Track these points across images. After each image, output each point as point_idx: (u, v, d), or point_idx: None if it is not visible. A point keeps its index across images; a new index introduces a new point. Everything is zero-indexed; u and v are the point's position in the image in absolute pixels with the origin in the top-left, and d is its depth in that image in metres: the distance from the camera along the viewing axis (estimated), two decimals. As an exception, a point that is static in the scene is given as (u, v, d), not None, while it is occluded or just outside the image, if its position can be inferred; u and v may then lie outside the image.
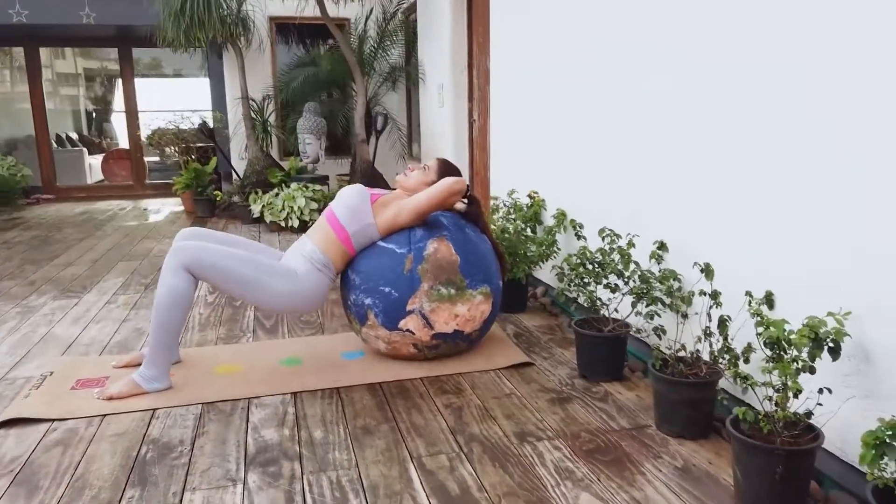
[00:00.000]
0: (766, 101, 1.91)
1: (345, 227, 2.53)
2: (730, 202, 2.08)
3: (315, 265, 2.51)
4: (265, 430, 2.12)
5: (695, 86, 2.22)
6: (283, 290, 2.45)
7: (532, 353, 2.77)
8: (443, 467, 1.87)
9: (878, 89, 1.57)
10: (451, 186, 2.54)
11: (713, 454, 1.92)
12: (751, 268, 1.99)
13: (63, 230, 6.28)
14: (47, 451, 2.02)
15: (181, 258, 2.35)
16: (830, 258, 1.71)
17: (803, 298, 1.80)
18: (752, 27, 1.96)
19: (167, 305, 2.34)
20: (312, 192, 5.77)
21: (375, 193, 2.60)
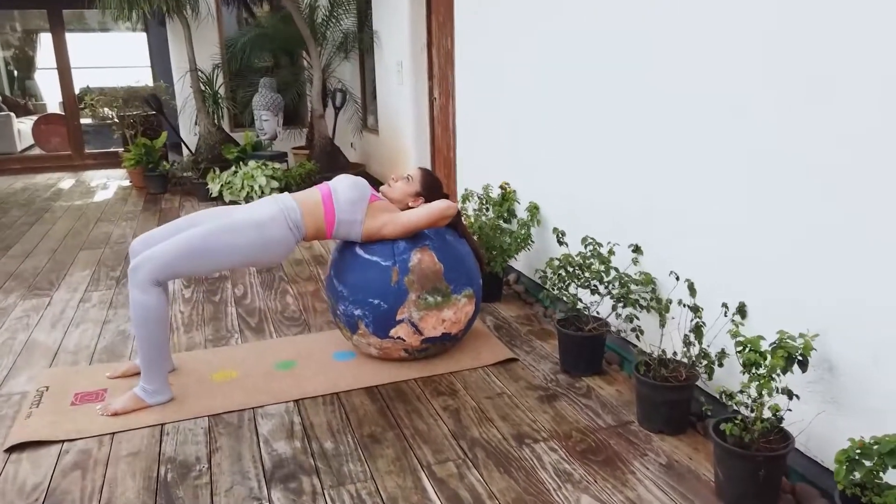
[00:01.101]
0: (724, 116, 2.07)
1: (335, 212, 2.58)
2: (703, 208, 2.26)
3: (288, 221, 2.52)
4: (277, 443, 2.23)
5: (679, 86, 2.35)
6: (248, 241, 2.45)
7: (514, 346, 2.94)
8: (452, 475, 2.04)
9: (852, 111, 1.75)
10: (443, 211, 2.63)
11: (692, 449, 2.14)
12: (724, 272, 2.19)
13: (9, 212, 6.06)
14: (66, 475, 2.09)
15: (142, 274, 2.35)
16: (797, 271, 1.92)
17: (772, 308, 2.01)
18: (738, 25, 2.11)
19: (145, 323, 2.37)
20: (272, 171, 5.73)
21: (375, 196, 2.67)
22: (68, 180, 7.83)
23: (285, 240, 2.53)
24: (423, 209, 2.64)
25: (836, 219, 1.79)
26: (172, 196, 6.59)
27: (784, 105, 1.91)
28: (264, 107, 5.89)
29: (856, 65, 1.70)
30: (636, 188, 2.60)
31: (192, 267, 2.45)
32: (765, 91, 1.97)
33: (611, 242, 2.63)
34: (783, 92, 1.91)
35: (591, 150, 2.88)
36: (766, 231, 2.01)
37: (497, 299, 3.49)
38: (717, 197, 2.20)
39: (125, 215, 5.83)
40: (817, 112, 1.81)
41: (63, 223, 5.57)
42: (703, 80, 2.21)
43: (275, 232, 2.50)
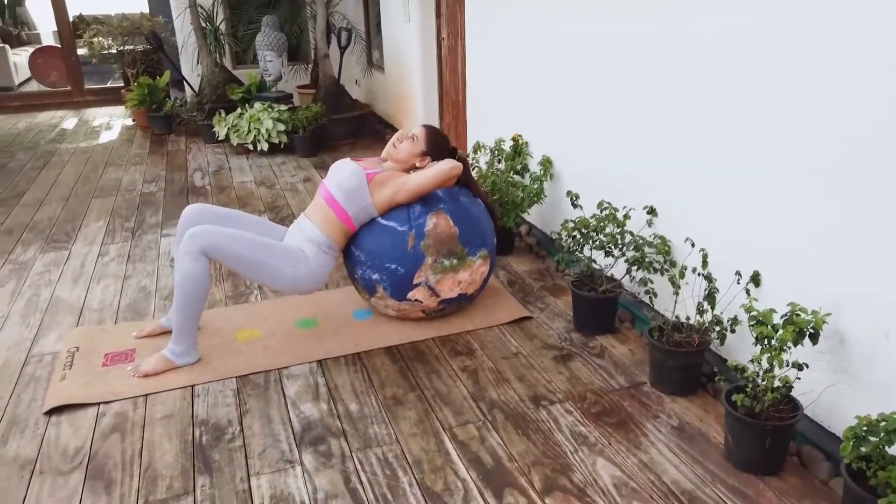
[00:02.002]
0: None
1: (345, 209, 2.62)
2: (721, 174, 2.27)
3: (320, 248, 2.62)
4: (304, 406, 2.33)
5: (708, 46, 2.33)
6: (291, 272, 2.57)
7: (528, 303, 3.01)
8: (473, 438, 2.14)
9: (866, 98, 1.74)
10: (448, 172, 2.63)
11: (702, 411, 2.24)
12: (739, 239, 2.22)
13: (15, 155, 6.04)
14: (105, 439, 2.19)
15: (199, 243, 2.43)
16: (813, 241, 1.95)
17: (786, 278, 2.06)
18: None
19: (191, 291, 2.44)
20: (278, 114, 5.67)
21: (370, 172, 2.66)
22: (71, 119, 7.74)
23: (325, 264, 2.65)
24: (428, 173, 2.63)
25: (854, 190, 1.81)
26: (178, 137, 6.55)
27: (811, 76, 1.90)
28: (268, 47, 5.77)
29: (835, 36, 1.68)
30: (654, 149, 2.60)
31: (238, 266, 2.52)
32: (794, 61, 1.95)
33: (626, 207, 2.65)
34: (812, 64, 1.89)
35: (610, 105, 2.85)
36: (784, 200, 2.03)
37: (509, 252, 3.54)
38: (736, 164, 2.20)
39: (132, 159, 5.81)
40: (839, 83, 1.80)
41: (71, 168, 5.57)
42: (733, 42, 2.18)
43: (314, 263, 2.61)
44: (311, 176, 5.13)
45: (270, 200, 4.56)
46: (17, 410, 2.35)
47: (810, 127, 1.91)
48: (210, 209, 2.69)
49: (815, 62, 1.87)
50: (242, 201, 4.55)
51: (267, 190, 4.80)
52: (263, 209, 4.38)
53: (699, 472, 1.96)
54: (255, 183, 4.97)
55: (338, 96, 5.97)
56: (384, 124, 6.52)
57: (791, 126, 1.98)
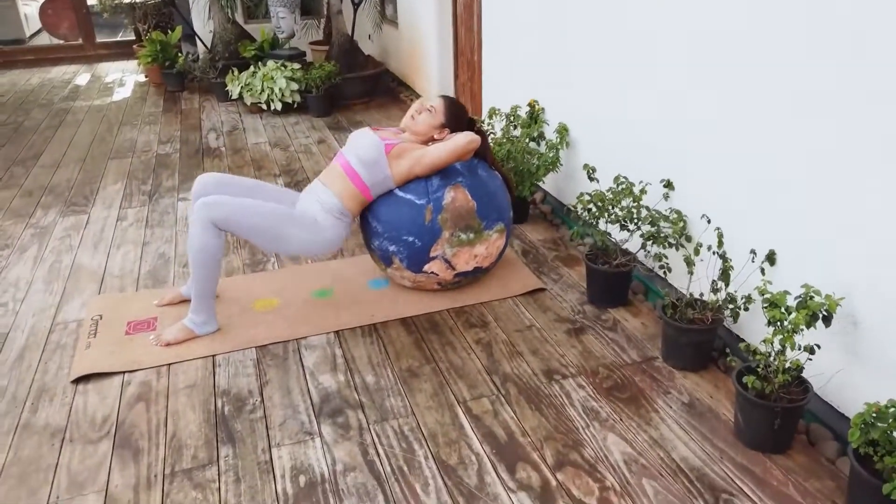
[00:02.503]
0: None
1: (363, 180, 2.63)
2: (739, 150, 2.26)
3: (334, 214, 2.63)
4: (322, 377, 2.39)
5: (732, 17, 2.28)
6: (304, 238, 2.59)
7: (541, 274, 3.04)
8: (487, 412, 2.20)
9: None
10: (466, 145, 2.62)
11: (713, 387, 2.28)
12: (756, 217, 2.22)
13: (30, 113, 6.06)
14: (131, 407, 2.27)
15: (211, 214, 2.44)
16: (829, 222, 1.95)
17: (802, 257, 2.06)
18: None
19: (204, 262, 2.48)
20: (291, 72, 5.62)
21: (389, 143, 2.66)
22: (84, 75, 7.71)
23: (338, 231, 2.65)
24: (445, 146, 2.63)
25: (872, 172, 1.79)
26: (191, 94, 6.52)
27: (837, 52, 1.86)
28: (280, 3, 5.67)
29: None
30: (673, 121, 2.57)
31: (250, 235, 2.54)
32: (822, 34, 1.91)
33: (643, 182, 2.63)
34: (840, 37, 1.85)
35: (630, 73, 2.79)
36: (802, 179, 2.02)
37: (524, 220, 3.54)
38: (755, 140, 2.18)
39: (147, 118, 5.81)
40: (868, 59, 1.77)
41: (86, 127, 5.58)
42: (761, 13, 2.13)
43: (329, 230, 2.62)
44: (325, 137, 5.11)
45: (285, 163, 4.56)
46: (45, 378, 2.43)
47: (834, 106, 1.88)
48: (223, 178, 2.71)
49: (842, 35, 1.83)
50: (257, 164, 4.56)
51: (281, 152, 4.79)
52: (278, 172, 4.39)
53: (708, 450, 2.01)
54: (269, 144, 4.97)
55: (351, 54, 5.89)
56: (398, 82, 6.45)
57: (814, 105, 1.95)
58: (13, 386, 2.39)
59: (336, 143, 4.98)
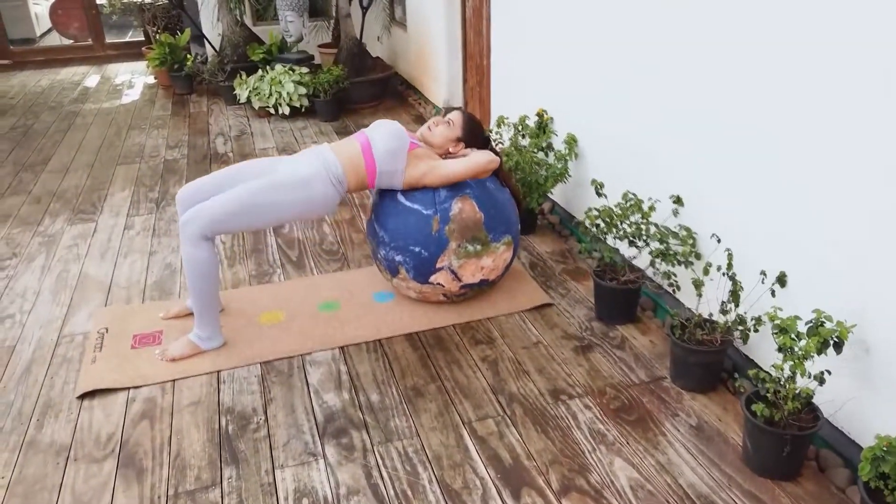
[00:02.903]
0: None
1: (376, 162, 2.58)
2: (751, 168, 2.22)
3: (330, 178, 2.55)
4: (326, 395, 2.38)
5: (750, 26, 2.25)
6: (292, 199, 2.50)
7: (549, 288, 3.01)
8: (492, 433, 2.18)
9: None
10: (485, 165, 2.60)
11: (721, 409, 2.25)
12: (767, 237, 2.19)
13: (40, 116, 6.07)
14: (136, 425, 2.27)
15: (194, 227, 2.42)
16: (843, 244, 1.91)
17: (813, 280, 2.03)
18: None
19: (200, 277, 2.47)
20: (300, 77, 5.60)
21: (414, 143, 2.64)
22: (93, 76, 7.73)
23: (329, 196, 2.57)
24: (465, 162, 2.61)
25: (888, 196, 1.76)
26: (199, 97, 6.52)
27: (854, 74, 1.82)
28: (289, 7, 5.65)
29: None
30: (684, 136, 2.53)
31: (239, 224, 2.51)
32: (839, 56, 1.88)
33: (652, 199, 2.60)
34: (859, 61, 1.82)
35: (642, 85, 2.73)
36: (815, 200, 1.98)
37: (532, 231, 3.52)
38: (768, 159, 2.14)
39: (155, 121, 5.81)
40: (876, 87, 1.73)
41: (95, 131, 5.58)
42: (777, 32, 2.10)
43: (319, 189, 2.53)
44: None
45: (292, 169, 4.54)
46: (52, 393, 2.43)
47: (850, 127, 1.85)
48: (200, 185, 2.61)
49: (861, 59, 1.80)
50: (265, 170, 4.54)
51: (289, 158, 4.78)
52: (285, 179, 4.38)
53: (716, 476, 1.98)
54: (276, 150, 4.96)
55: (359, 58, 5.87)
56: (406, 85, 6.42)
57: (829, 125, 1.91)
58: (19, 401, 2.40)
59: (344, 148, 4.96)
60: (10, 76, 7.87)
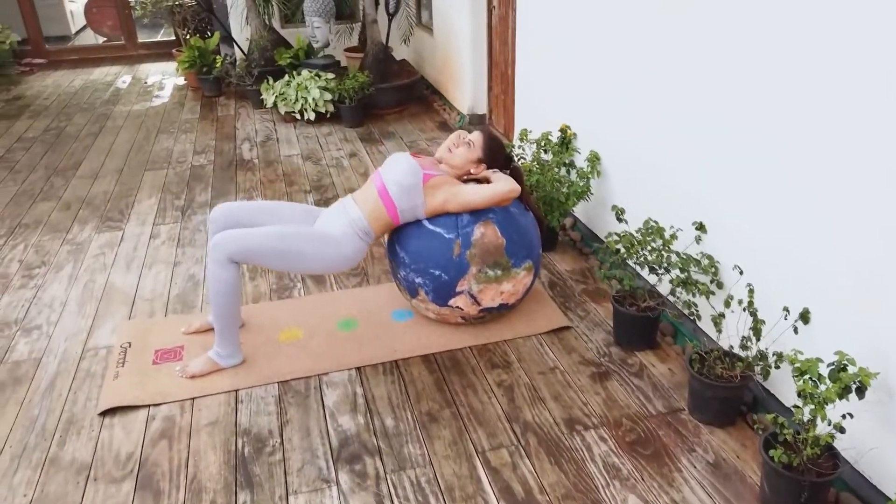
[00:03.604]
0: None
1: (395, 203, 2.60)
2: (779, 199, 2.17)
3: (357, 232, 2.60)
4: (342, 418, 2.40)
5: (787, 51, 2.20)
6: (322, 255, 2.56)
7: (568, 309, 2.99)
8: (506, 464, 2.17)
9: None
10: (506, 194, 2.58)
11: (740, 445, 2.21)
12: (791, 271, 2.14)
13: (72, 119, 6.19)
14: (155, 445, 2.30)
15: (225, 250, 2.45)
16: (868, 284, 1.86)
17: (836, 318, 1.98)
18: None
19: (223, 297, 2.50)
20: (325, 82, 5.62)
21: (428, 172, 2.63)
22: (125, 76, 7.85)
23: (358, 249, 2.64)
24: (486, 192, 2.59)
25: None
26: (227, 100, 6.58)
27: (883, 108, 1.77)
28: (316, 12, 5.68)
29: None
30: (711, 161, 2.47)
31: (267, 261, 2.55)
32: (870, 84, 1.82)
33: (674, 227, 2.56)
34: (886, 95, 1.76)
35: (671, 106, 2.67)
36: (844, 236, 1.93)
37: (552, 248, 3.49)
38: (798, 192, 2.09)
39: (183, 125, 5.89)
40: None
41: (125, 135, 5.67)
42: (813, 61, 2.05)
43: (348, 246, 2.60)
44: (357, 150, 5.11)
45: (316, 178, 4.57)
46: (74, 409, 2.48)
47: (887, 167, 1.80)
48: (236, 209, 2.69)
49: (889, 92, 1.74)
50: (289, 179, 4.58)
51: (313, 166, 4.81)
52: (309, 188, 4.41)
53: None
54: (301, 157, 4.99)
55: (385, 63, 5.87)
56: (431, 90, 6.42)
57: (861, 161, 1.86)
58: (43, 416, 2.45)
59: (367, 156, 4.97)
60: (46, 75, 8.03)
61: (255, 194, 4.34)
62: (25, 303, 3.19)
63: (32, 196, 4.44)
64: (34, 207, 4.27)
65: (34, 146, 5.46)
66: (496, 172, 2.72)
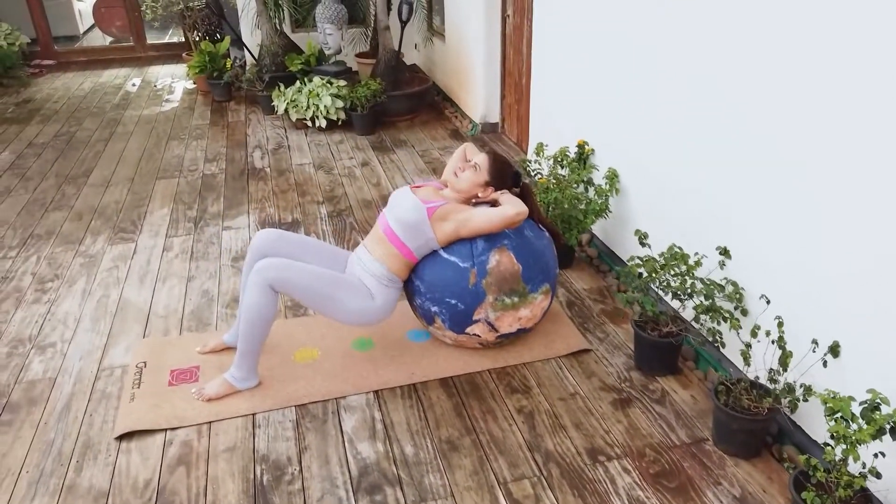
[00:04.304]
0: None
1: (406, 244, 2.58)
2: (808, 227, 2.14)
3: (380, 282, 2.61)
4: (360, 444, 2.37)
5: (814, 68, 2.16)
6: (357, 306, 2.58)
7: (587, 331, 2.95)
8: (528, 496, 2.14)
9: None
10: (513, 217, 2.53)
11: (766, 479, 2.17)
12: (821, 303, 2.10)
13: (82, 123, 6.17)
14: (172, 472, 2.28)
15: (268, 276, 2.45)
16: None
17: (867, 353, 1.94)
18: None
19: (256, 321, 2.48)
20: (337, 90, 5.59)
21: (431, 205, 2.58)
22: (134, 79, 7.83)
23: (390, 299, 2.65)
24: (492, 217, 2.53)
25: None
26: (237, 105, 6.56)
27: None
28: (328, 20, 5.64)
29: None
30: (735, 184, 2.43)
31: (303, 297, 2.54)
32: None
33: (698, 254, 2.53)
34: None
35: (694, 124, 2.64)
36: (872, 265, 1.89)
37: (569, 265, 3.45)
38: (828, 222, 2.05)
39: (194, 131, 5.86)
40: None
41: (136, 141, 5.65)
42: (851, 83, 2.00)
43: (380, 299, 2.62)
44: (369, 159, 5.08)
45: (329, 188, 4.55)
46: (91, 433, 2.46)
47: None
48: (281, 237, 2.71)
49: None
50: (301, 189, 4.55)
51: (325, 175, 4.78)
52: (322, 199, 4.38)
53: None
54: (313, 166, 4.96)
55: (397, 71, 5.84)
56: (443, 96, 6.38)
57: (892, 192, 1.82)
58: (59, 440, 2.43)
59: (380, 166, 4.94)
60: (55, 77, 8.02)
61: (268, 205, 4.31)
62: (39, 318, 3.17)
63: (44, 205, 4.43)
64: (46, 217, 4.25)
65: (45, 152, 5.45)
66: (505, 193, 2.68)
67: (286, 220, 4.08)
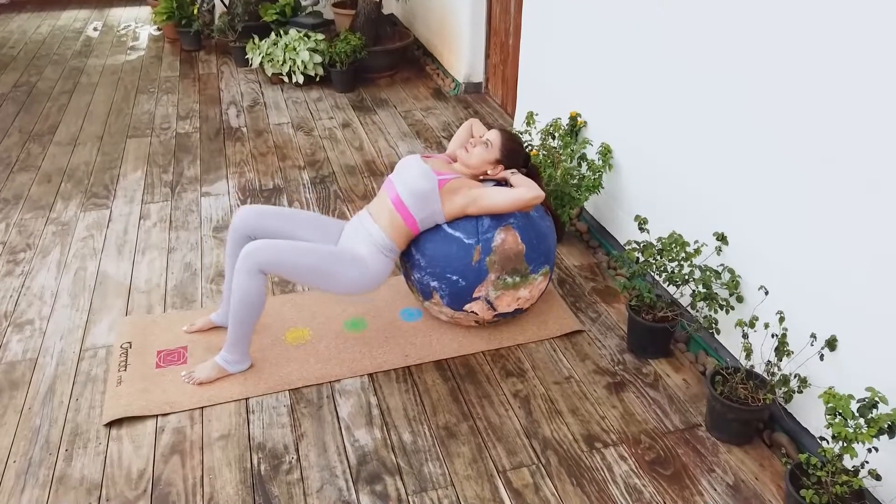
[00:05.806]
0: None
1: (412, 214, 2.52)
2: (809, 216, 2.14)
3: (381, 250, 2.54)
4: (358, 432, 2.35)
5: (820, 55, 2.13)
6: (351, 276, 2.51)
7: (579, 310, 2.96)
8: (528, 485, 2.16)
9: None
10: (530, 201, 2.48)
11: (759, 466, 2.23)
12: (820, 297, 2.13)
13: (43, 72, 5.86)
14: (167, 461, 2.24)
15: (256, 260, 2.37)
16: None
17: (865, 348, 1.98)
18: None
19: (248, 306, 2.42)
20: (315, 44, 5.38)
21: (442, 177, 2.52)
22: (95, 22, 7.42)
23: (384, 268, 2.56)
24: (509, 197, 2.48)
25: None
26: (208, 55, 6.28)
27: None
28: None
29: None
30: (733, 167, 2.41)
31: (296, 276, 2.47)
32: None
33: (698, 241, 2.52)
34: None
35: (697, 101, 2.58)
36: (875, 263, 1.91)
37: (559, 240, 3.41)
38: (830, 213, 2.05)
39: (163, 84, 5.61)
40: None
41: (102, 93, 5.39)
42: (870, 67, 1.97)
43: (374, 266, 2.54)
44: (350, 119, 4.93)
45: (310, 152, 4.41)
46: (78, 419, 2.40)
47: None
48: (264, 213, 2.61)
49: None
50: (281, 152, 4.41)
51: (305, 136, 4.63)
52: (303, 164, 4.25)
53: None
54: (292, 126, 4.80)
55: (378, 24, 5.63)
56: (423, 51, 6.19)
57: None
58: (46, 426, 2.36)
59: (361, 127, 4.80)
60: (9, 19, 7.56)
61: (247, 170, 4.17)
62: (14, 293, 3.05)
63: (9, 165, 4.22)
64: (12, 179, 4.05)
65: (5, 104, 5.17)
66: (515, 174, 2.63)
67: (267, 187, 3.96)
